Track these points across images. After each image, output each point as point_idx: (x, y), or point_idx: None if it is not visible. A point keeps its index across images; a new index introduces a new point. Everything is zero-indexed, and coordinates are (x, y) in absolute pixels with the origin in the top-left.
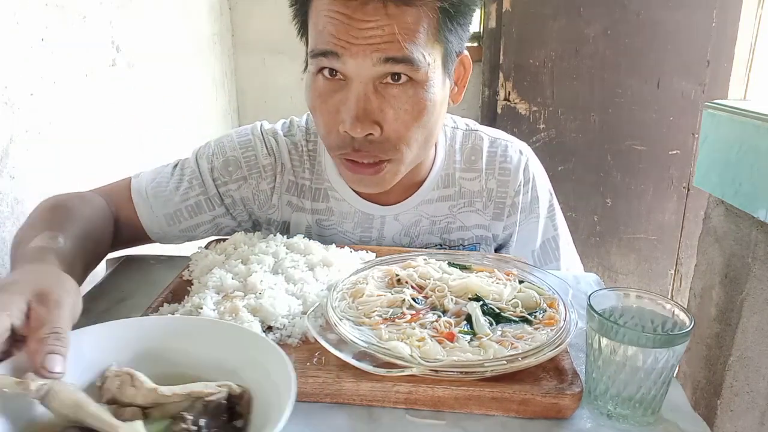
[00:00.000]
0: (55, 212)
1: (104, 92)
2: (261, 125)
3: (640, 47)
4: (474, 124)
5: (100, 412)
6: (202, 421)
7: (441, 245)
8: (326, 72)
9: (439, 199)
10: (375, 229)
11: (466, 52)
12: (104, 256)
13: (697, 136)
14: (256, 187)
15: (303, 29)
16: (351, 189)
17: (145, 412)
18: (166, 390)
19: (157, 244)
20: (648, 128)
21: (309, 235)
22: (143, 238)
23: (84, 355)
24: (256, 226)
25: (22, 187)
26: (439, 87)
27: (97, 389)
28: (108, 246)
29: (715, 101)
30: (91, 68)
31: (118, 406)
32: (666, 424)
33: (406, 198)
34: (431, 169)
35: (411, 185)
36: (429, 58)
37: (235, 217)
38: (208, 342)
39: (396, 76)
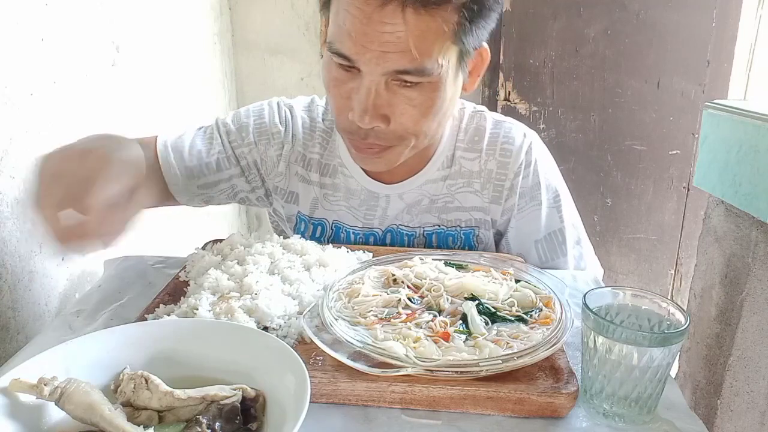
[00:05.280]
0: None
1: (104, 92)
2: (279, 99)
3: (640, 47)
4: (482, 108)
5: (113, 417)
6: (217, 425)
7: (439, 225)
8: (340, 60)
9: (442, 178)
10: (380, 207)
11: (485, 45)
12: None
13: (697, 136)
14: (264, 152)
15: (326, 6)
16: (359, 167)
17: (160, 416)
18: (180, 393)
19: (158, 243)
20: (648, 128)
21: (315, 207)
22: (165, 195)
23: (98, 357)
24: (268, 194)
25: (22, 187)
26: (450, 84)
27: (111, 392)
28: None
29: (715, 101)
30: (91, 68)
31: (133, 408)
32: (662, 422)
33: (411, 176)
34: (436, 148)
35: (416, 164)
36: (443, 60)
37: (249, 181)
38: (223, 345)
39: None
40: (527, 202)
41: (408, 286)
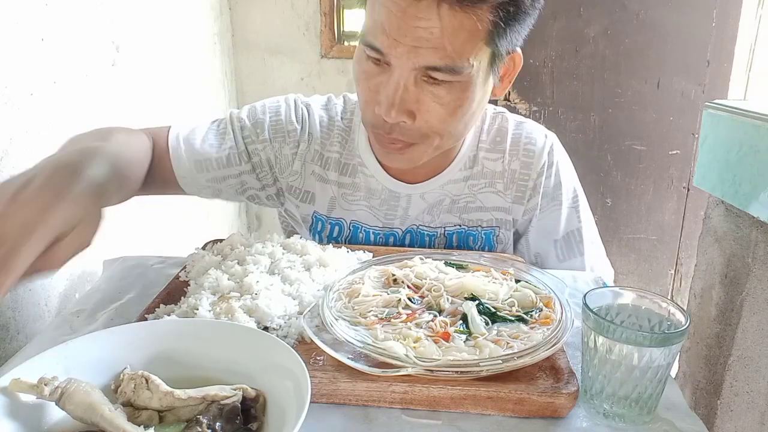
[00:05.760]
0: (98, 131)
1: (104, 92)
2: (296, 96)
3: (640, 47)
4: (501, 109)
5: (113, 417)
6: (218, 425)
7: (460, 225)
8: (371, 53)
9: (464, 179)
10: (401, 207)
11: (518, 50)
12: (135, 188)
13: (697, 136)
14: (278, 150)
15: (363, 1)
16: (380, 166)
17: (160, 416)
18: (181, 393)
19: (158, 243)
20: (648, 128)
21: (333, 207)
22: (173, 185)
23: (98, 357)
24: (280, 194)
25: None
26: (480, 86)
27: (111, 392)
28: (141, 175)
29: (715, 101)
30: (91, 68)
31: (133, 408)
32: (662, 422)
33: (434, 176)
34: (459, 149)
35: (439, 164)
36: (474, 61)
37: (260, 178)
38: (223, 345)
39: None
40: (549, 202)
41: (408, 286)
